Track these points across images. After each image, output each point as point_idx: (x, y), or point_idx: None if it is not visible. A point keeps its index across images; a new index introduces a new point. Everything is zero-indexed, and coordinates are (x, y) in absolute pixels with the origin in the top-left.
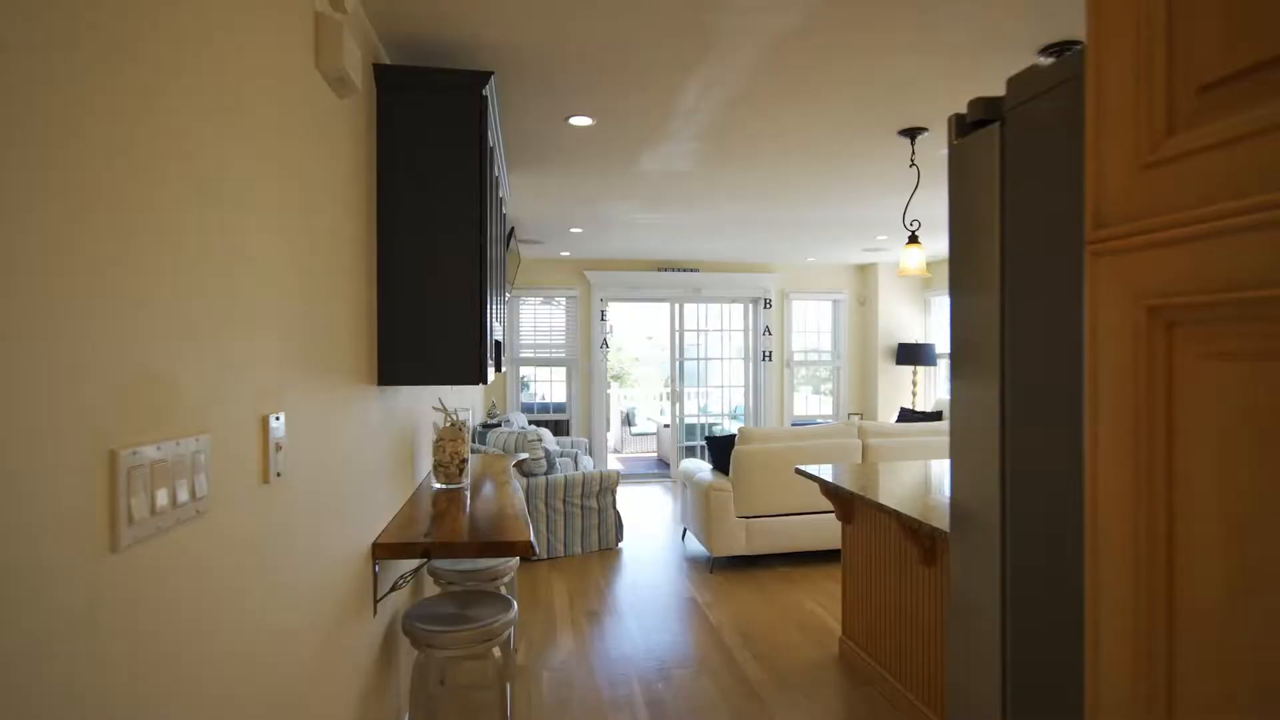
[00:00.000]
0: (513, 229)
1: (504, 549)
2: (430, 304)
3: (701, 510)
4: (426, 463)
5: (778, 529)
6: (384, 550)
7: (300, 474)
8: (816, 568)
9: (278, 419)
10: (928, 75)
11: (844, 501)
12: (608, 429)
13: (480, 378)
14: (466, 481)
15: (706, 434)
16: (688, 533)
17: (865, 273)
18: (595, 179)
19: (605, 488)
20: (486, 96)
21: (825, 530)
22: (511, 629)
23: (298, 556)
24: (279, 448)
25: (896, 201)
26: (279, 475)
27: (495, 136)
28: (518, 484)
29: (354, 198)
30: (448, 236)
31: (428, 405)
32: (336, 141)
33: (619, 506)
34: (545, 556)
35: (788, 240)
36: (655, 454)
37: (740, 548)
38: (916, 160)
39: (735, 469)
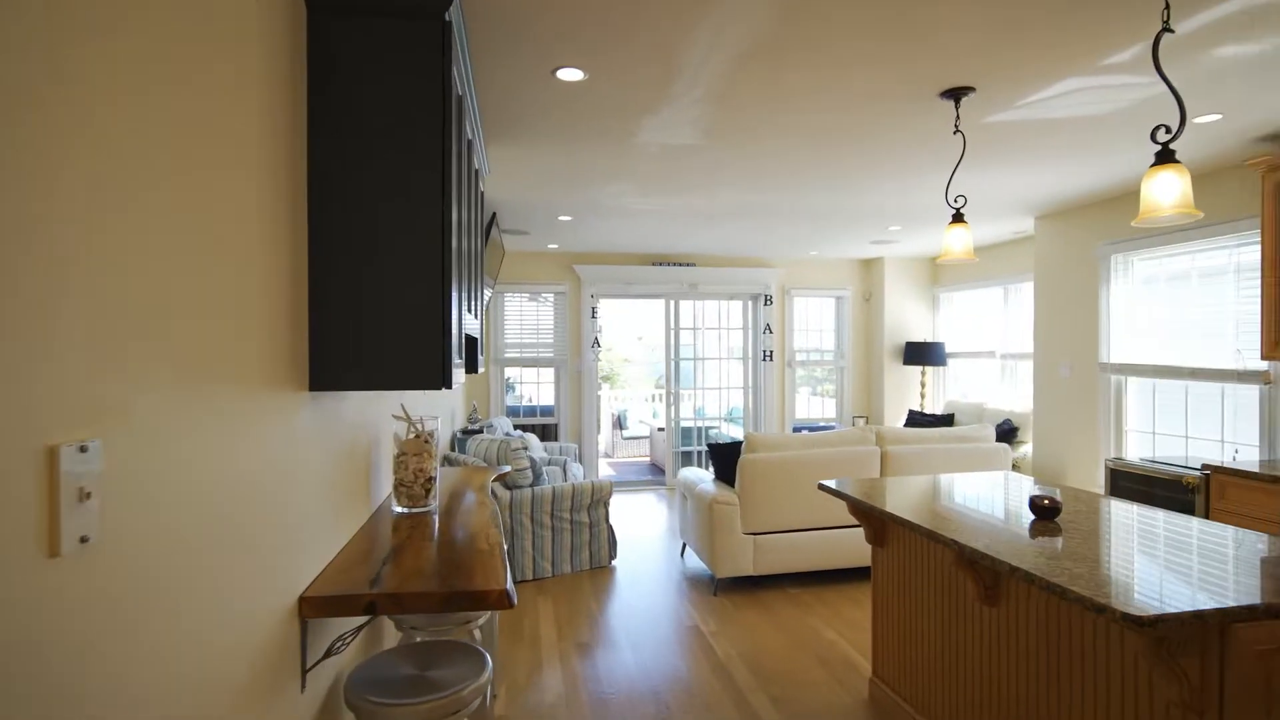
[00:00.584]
0: (494, 216)
1: (473, 600)
2: (381, 290)
3: (704, 526)
4: (389, 481)
5: (788, 546)
6: (315, 606)
7: (150, 526)
8: (830, 588)
9: (86, 449)
10: (981, 25)
11: (875, 522)
12: (599, 432)
13: (443, 381)
14: (435, 504)
15: (708, 440)
16: (687, 549)
17: (870, 267)
18: (586, 152)
19: (597, 500)
20: (450, 23)
21: (840, 547)
22: (488, 688)
23: (144, 647)
24: (85, 496)
25: (924, 182)
26: (84, 541)
27: (465, 83)
28: (498, 508)
29: (273, 149)
30: (401, 205)
31: (390, 412)
32: (242, 64)
33: (612, 520)
34: (531, 578)
35: (791, 233)
36: (648, 458)
37: (747, 567)
38: (961, 126)
39: (741, 480)
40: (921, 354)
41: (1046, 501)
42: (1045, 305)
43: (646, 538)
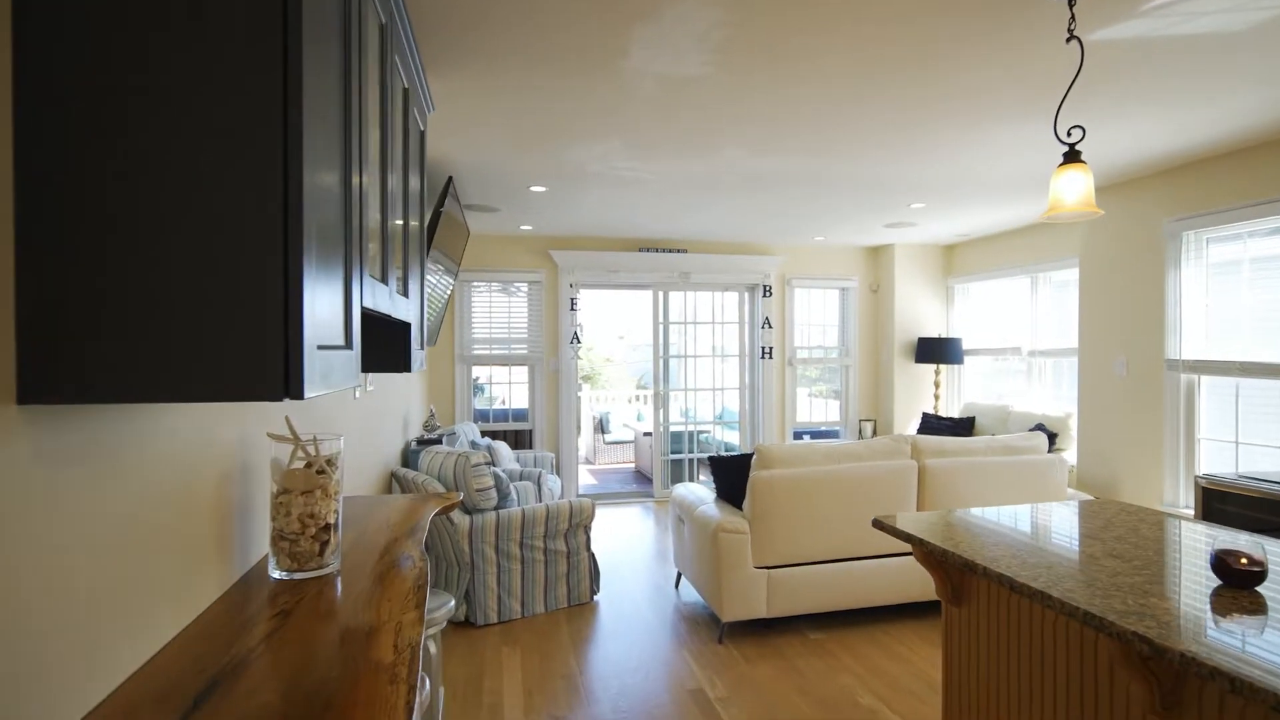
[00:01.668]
0: (449, 181)
1: None
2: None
3: (706, 558)
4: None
5: (808, 582)
6: None
7: None
8: (854, 631)
9: None
10: None
11: (951, 574)
12: (578, 436)
13: (286, 387)
14: (335, 563)
15: (709, 455)
16: (683, 579)
17: (879, 256)
18: (561, 89)
19: (576, 524)
20: None
21: (870, 582)
22: None
23: None
24: None
25: (981, 136)
26: None
27: None
28: (459, 536)
29: None
30: (198, 123)
31: (279, 422)
32: None
33: (595, 545)
34: (496, 621)
35: (798, 212)
36: (633, 464)
37: (759, 608)
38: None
39: (753, 503)
40: (936, 351)
41: (1244, 561)
42: (1094, 293)
43: (634, 563)
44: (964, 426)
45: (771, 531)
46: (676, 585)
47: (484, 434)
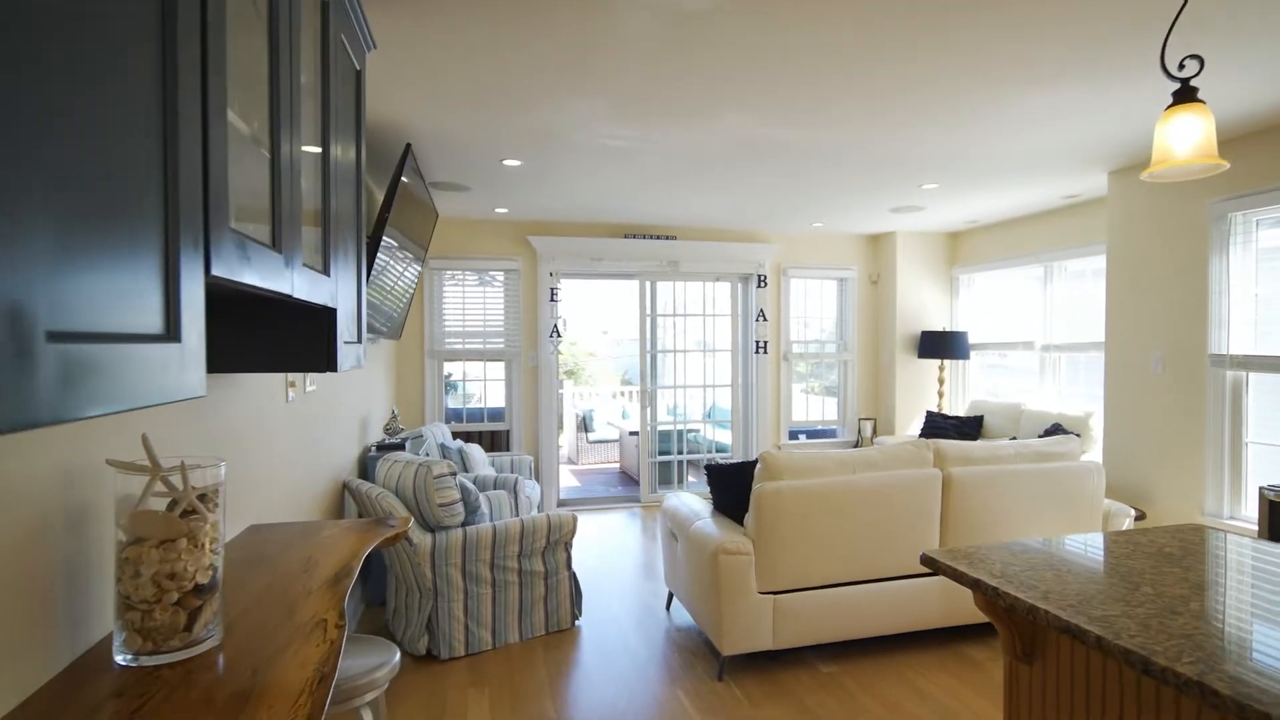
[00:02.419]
0: (407, 148)
1: None
2: None
3: (704, 583)
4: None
5: (820, 609)
6: None
7: None
8: (872, 662)
9: None
10: None
11: (1021, 628)
12: (560, 436)
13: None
14: (215, 636)
15: (707, 463)
16: (674, 600)
17: (879, 245)
18: (537, 23)
19: (556, 542)
20: None
21: (886, 606)
22: None
23: None
24: None
25: (1018, 100)
26: None
27: None
28: (413, 560)
29: None
30: None
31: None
32: None
33: (577, 561)
34: (463, 654)
35: (799, 194)
36: (618, 464)
37: (764, 639)
38: None
39: (758, 519)
40: (940, 345)
41: None
42: (1125, 282)
43: (619, 578)
44: (971, 426)
45: (779, 552)
46: (668, 606)
47: (456, 435)
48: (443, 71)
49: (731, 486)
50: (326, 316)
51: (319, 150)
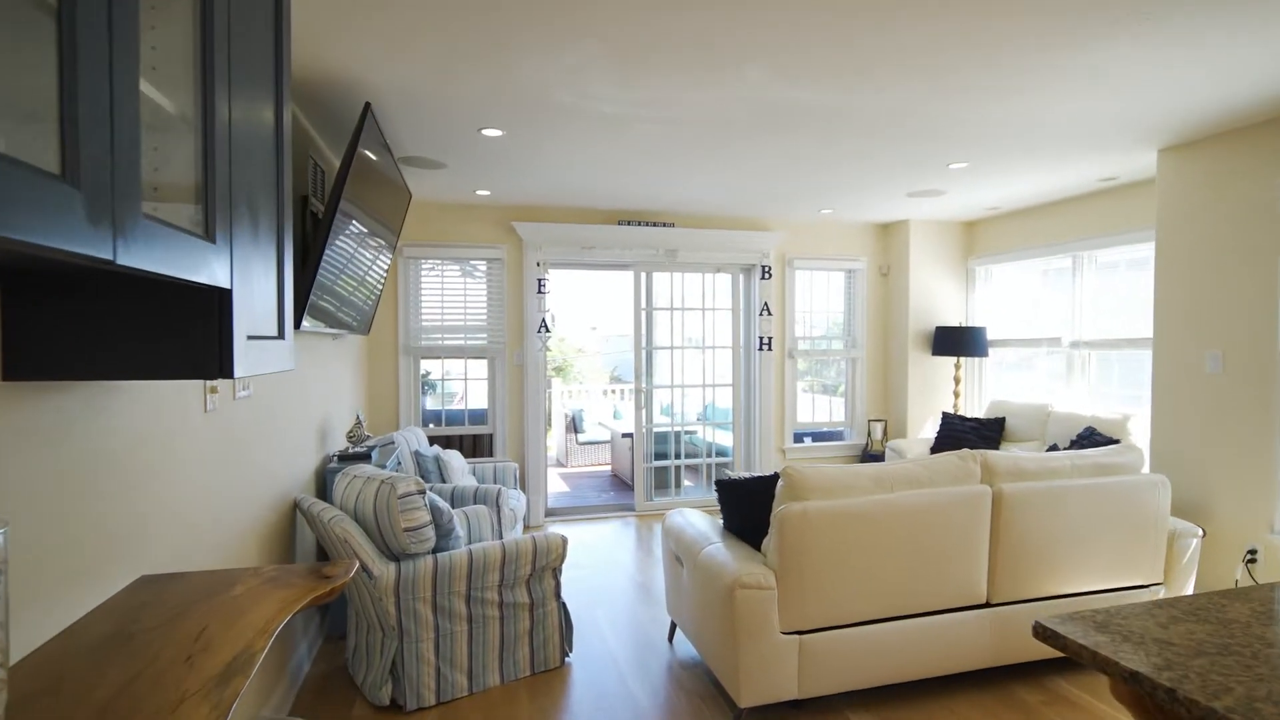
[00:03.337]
0: (367, 111)
1: None
2: None
3: (718, 621)
4: None
5: (851, 649)
6: None
7: None
8: (907, 708)
9: None
10: None
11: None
12: (548, 437)
13: None
14: None
15: (718, 478)
16: (679, 630)
17: (890, 234)
18: None
19: (543, 568)
20: None
21: (927, 644)
22: None
23: None
24: None
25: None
26: None
27: None
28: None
29: None
30: None
31: None
32: None
33: (566, 579)
34: (433, 703)
35: (813, 174)
36: (609, 467)
37: (788, 687)
38: None
39: (782, 546)
40: (957, 342)
41: None
42: (1176, 272)
43: (614, 603)
44: (992, 429)
45: (806, 585)
46: (670, 638)
47: (434, 440)
48: (407, 5)
49: (745, 504)
50: (218, 301)
51: (199, 59)
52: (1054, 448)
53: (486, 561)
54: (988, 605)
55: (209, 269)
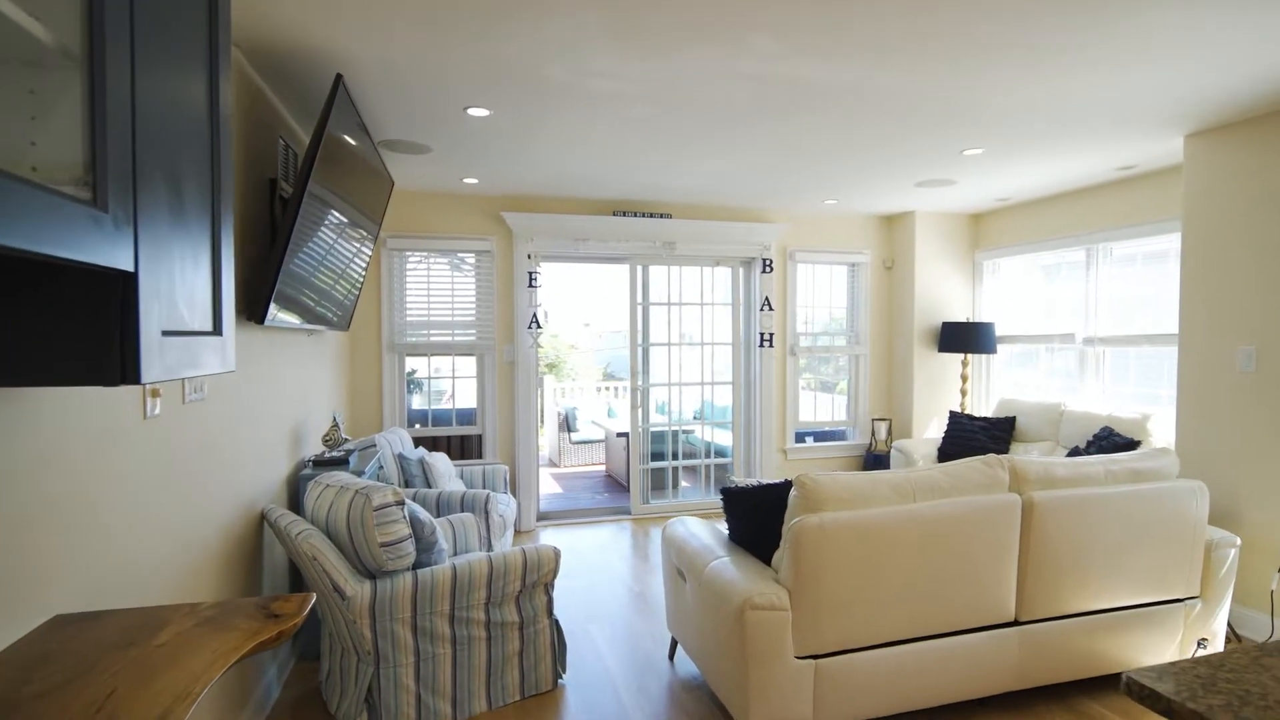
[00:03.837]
0: (339, 83)
1: None
2: None
3: (727, 643)
4: None
5: (871, 673)
6: None
7: None
8: None
9: None
10: None
11: None
12: (540, 436)
13: None
14: None
15: (724, 486)
16: (679, 647)
17: (895, 226)
18: None
19: (533, 584)
20: None
21: (953, 666)
22: None
23: None
24: None
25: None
26: None
27: None
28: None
29: None
30: None
31: None
32: None
33: (558, 588)
34: None
35: (818, 161)
36: (603, 467)
37: (803, 714)
38: None
39: (796, 562)
40: (964, 338)
41: None
42: (1203, 265)
43: (611, 616)
44: (1002, 429)
45: (824, 603)
46: (670, 655)
47: (420, 442)
48: None
49: (753, 514)
50: (121, 287)
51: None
52: (1076, 450)
53: (472, 578)
54: (1015, 623)
55: (99, 247)
